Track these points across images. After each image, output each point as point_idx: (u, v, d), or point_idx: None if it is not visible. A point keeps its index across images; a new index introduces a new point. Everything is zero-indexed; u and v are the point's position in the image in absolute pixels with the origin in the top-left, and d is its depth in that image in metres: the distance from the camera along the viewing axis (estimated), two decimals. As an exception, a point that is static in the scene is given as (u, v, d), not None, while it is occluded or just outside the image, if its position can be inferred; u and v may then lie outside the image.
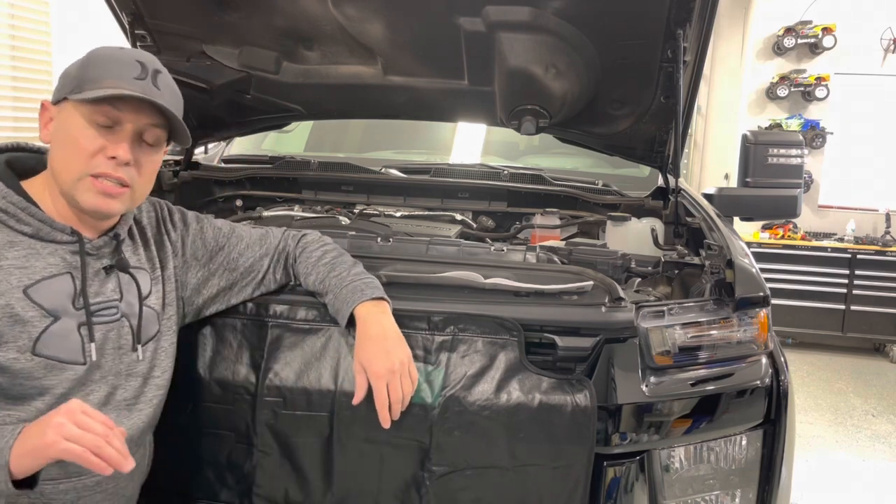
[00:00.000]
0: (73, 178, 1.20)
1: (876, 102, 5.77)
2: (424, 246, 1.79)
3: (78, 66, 1.23)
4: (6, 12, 3.87)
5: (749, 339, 1.56)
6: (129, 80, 1.20)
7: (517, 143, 3.05)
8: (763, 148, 2.05)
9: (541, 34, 1.86)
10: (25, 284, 1.17)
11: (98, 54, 1.24)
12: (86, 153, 1.19)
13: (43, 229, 1.20)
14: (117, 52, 1.25)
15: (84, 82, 1.19)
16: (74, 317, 1.21)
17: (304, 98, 2.27)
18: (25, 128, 4.04)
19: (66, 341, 1.20)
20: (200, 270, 1.46)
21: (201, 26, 2.03)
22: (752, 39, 5.93)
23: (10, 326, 1.15)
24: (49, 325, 1.18)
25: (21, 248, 1.18)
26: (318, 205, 2.33)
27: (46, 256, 1.20)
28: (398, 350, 1.37)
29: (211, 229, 1.50)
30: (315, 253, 1.53)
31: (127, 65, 1.21)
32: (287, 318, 1.48)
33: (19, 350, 1.15)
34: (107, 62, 1.22)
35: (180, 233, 1.45)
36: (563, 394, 1.39)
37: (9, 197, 1.19)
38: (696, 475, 1.52)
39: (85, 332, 1.22)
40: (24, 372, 1.16)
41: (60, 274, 1.21)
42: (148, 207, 1.44)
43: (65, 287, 1.21)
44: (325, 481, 1.44)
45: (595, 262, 1.81)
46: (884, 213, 5.62)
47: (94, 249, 1.26)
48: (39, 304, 1.17)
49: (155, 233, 1.42)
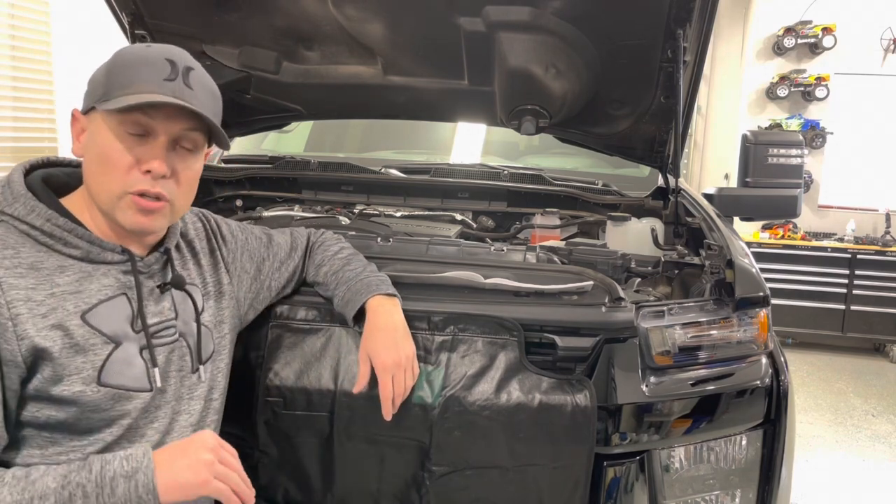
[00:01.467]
0: (113, 197, 1.11)
1: (876, 102, 5.77)
2: (424, 246, 1.79)
3: (104, 71, 1.13)
4: (6, 12, 3.87)
5: (749, 339, 1.56)
6: (159, 82, 1.10)
7: (517, 143, 3.05)
8: (763, 148, 2.05)
9: (541, 34, 1.86)
10: (83, 310, 1.09)
11: (124, 56, 1.14)
12: (120, 170, 1.10)
13: (93, 251, 1.12)
14: (144, 52, 1.15)
15: (112, 89, 1.09)
16: (135, 340, 1.14)
17: (304, 98, 2.27)
18: (25, 128, 4.04)
19: (131, 368, 1.13)
20: (252, 284, 1.42)
21: (201, 26, 2.03)
22: (752, 39, 5.93)
23: (71, 357, 1.07)
24: (111, 351, 1.11)
25: (72, 272, 1.10)
26: (318, 205, 2.33)
27: (100, 278, 1.12)
28: (405, 344, 1.38)
29: (254, 240, 1.45)
30: (332, 248, 1.55)
31: (155, 65, 1.11)
32: (287, 318, 1.48)
33: (84, 382, 1.07)
34: (133, 64, 1.12)
35: (230, 247, 1.39)
36: (563, 394, 1.39)
37: (53, 219, 1.09)
38: (696, 475, 1.52)
39: (147, 357, 1.15)
40: (92, 404, 1.09)
41: (116, 296, 1.13)
42: (194, 219, 1.37)
43: (122, 309, 1.14)
44: (325, 481, 1.44)
45: (595, 262, 1.81)
46: (884, 213, 5.62)
47: (145, 267, 1.19)
48: (99, 330, 1.10)
49: (205, 246, 1.35)
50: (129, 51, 1.16)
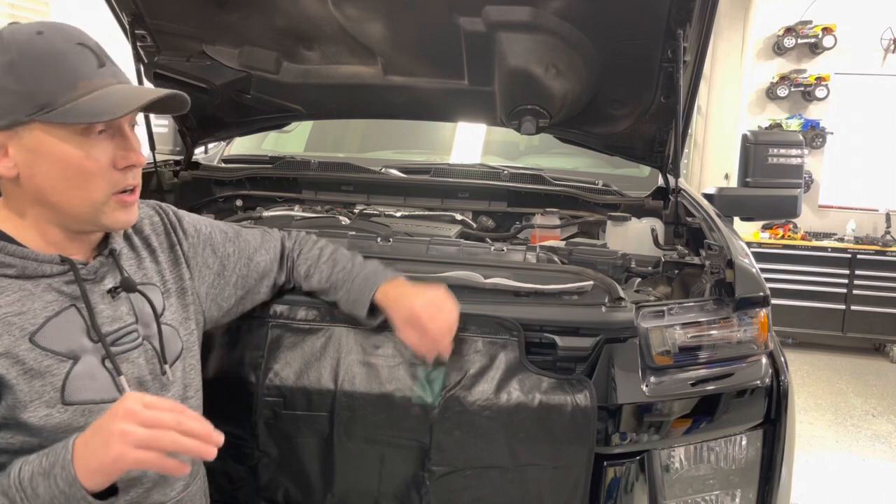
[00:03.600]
0: (96, 205, 1.05)
1: (876, 102, 5.77)
2: (424, 246, 1.79)
3: (13, 75, 0.98)
4: (6, 12, 3.87)
5: (749, 339, 1.56)
6: (97, 71, 1.02)
7: (517, 143, 3.05)
8: (763, 148, 2.06)
9: (541, 34, 1.86)
10: (30, 332, 1.01)
11: (28, 50, 0.99)
12: (99, 175, 1.03)
13: (28, 266, 1.04)
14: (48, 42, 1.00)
15: (51, 96, 0.98)
16: (94, 352, 1.07)
17: (304, 98, 2.27)
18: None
19: (94, 381, 1.06)
20: (216, 280, 1.35)
21: (201, 26, 2.03)
22: (752, 39, 5.94)
23: (28, 382, 1.00)
24: (70, 368, 1.04)
25: (10, 292, 1.02)
26: (318, 205, 2.33)
27: (42, 294, 1.04)
28: (445, 308, 1.37)
29: (219, 234, 1.39)
30: (313, 252, 1.50)
31: (77, 54, 1.02)
32: (287, 318, 1.48)
33: (48, 405, 1.01)
34: (53, 59, 1.00)
35: (192, 241, 1.32)
36: (563, 394, 1.39)
37: None
38: (696, 475, 1.52)
39: (110, 366, 1.08)
40: (63, 425, 1.02)
41: (64, 309, 1.05)
42: (150, 213, 1.28)
43: (74, 322, 1.06)
44: (325, 481, 1.44)
45: (595, 262, 1.81)
46: (884, 213, 5.62)
47: (90, 274, 1.10)
48: (51, 350, 1.02)
49: (163, 241, 1.28)
50: (28, 43, 1.00)
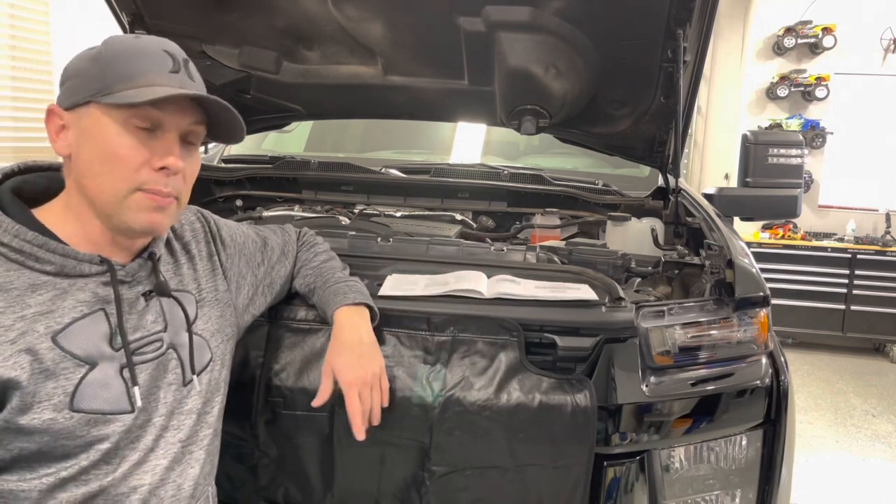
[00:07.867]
0: (119, 196, 1.03)
1: (876, 102, 5.77)
2: (424, 246, 1.79)
3: (95, 63, 1.03)
4: (6, 12, 3.87)
5: (749, 339, 1.56)
6: (165, 74, 1.04)
7: (517, 143, 3.05)
8: (763, 148, 2.05)
9: (541, 34, 1.86)
10: (54, 330, 0.99)
11: (116, 46, 1.05)
12: (129, 166, 1.02)
13: (68, 264, 1.03)
14: (138, 43, 1.06)
15: (113, 82, 1.01)
16: (114, 360, 1.05)
17: (304, 98, 2.27)
18: (25, 128, 4.04)
19: (107, 390, 1.03)
20: (249, 290, 1.35)
21: (201, 26, 2.03)
22: (752, 39, 5.94)
23: (41, 383, 0.97)
24: (85, 374, 1.01)
25: (45, 289, 1.00)
26: (318, 205, 2.33)
27: (75, 294, 1.03)
28: (372, 360, 1.34)
29: (251, 244, 1.40)
30: (309, 253, 1.52)
31: (155, 57, 1.05)
32: (287, 318, 1.48)
33: (55, 409, 0.98)
34: (132, 55, 1.04)
35: (229, 252, 1.31)
36: (563, 394, 1.39)
37: (21, 234, 1.00)
38: (696, 475, 1.52)
39: (128, 376, 1.06)
40: (65, 431, 1.00)
41: (92, 312, 1.04)
42: (192, 219, 1.28)
43: (99, 327, 1.04)
44: (325, 481, 1.44)
45: (595, 262, 1.81)
46: (884, 213, 5.62)
47: (128, 276, 1.09)
48: (71, 353, 1.00)
49: (202, 250, 1.27)
50: (121, 41, 1.07)
